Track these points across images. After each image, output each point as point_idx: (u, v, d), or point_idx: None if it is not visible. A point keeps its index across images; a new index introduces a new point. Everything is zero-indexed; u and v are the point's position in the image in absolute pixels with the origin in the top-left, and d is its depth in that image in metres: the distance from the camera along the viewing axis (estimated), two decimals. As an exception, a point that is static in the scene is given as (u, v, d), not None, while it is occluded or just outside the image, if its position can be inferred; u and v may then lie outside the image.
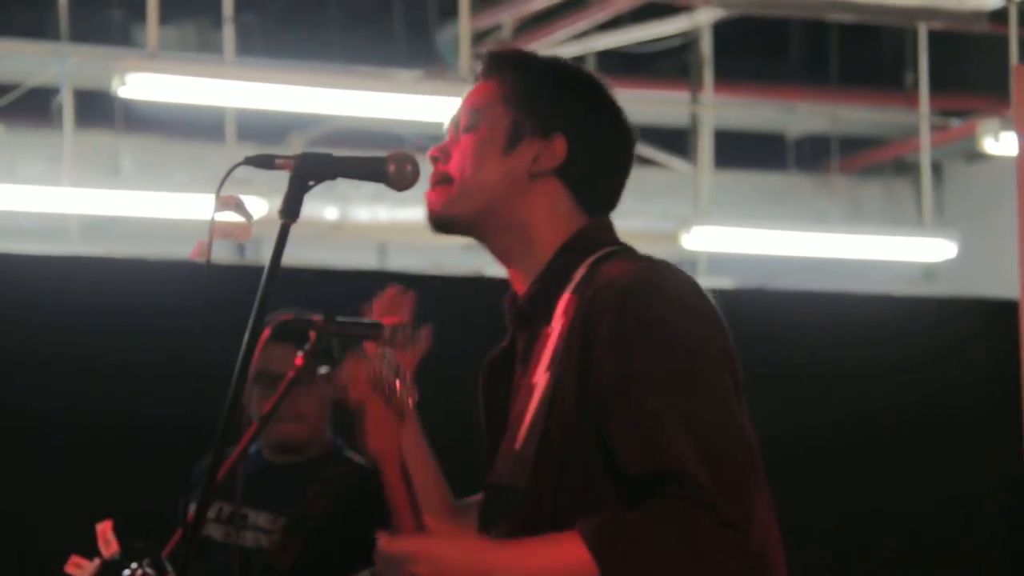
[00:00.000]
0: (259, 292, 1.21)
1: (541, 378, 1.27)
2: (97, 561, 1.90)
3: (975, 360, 4.66)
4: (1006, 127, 6.68)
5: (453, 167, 1.35)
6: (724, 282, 7.40)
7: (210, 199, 1.31)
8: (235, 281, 2.28)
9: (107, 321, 3.81)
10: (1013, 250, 3.33)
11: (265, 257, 1.25)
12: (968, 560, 4.76)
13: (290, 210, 1.24)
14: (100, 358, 3.80)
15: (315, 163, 1.28)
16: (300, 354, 1.43)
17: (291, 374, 1.45)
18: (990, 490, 4.86)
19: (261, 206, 5.15)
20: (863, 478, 4.71)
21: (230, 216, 1.31)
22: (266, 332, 1.27)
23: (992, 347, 4.30)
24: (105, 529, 1.91)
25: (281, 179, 1.26)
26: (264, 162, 1.28)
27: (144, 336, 3.87)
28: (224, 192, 1.30)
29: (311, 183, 1.26)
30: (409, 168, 1.28)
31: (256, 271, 1.46)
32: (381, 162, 1.28)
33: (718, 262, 8.42)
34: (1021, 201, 3.39)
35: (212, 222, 1.29)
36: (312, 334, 1.46)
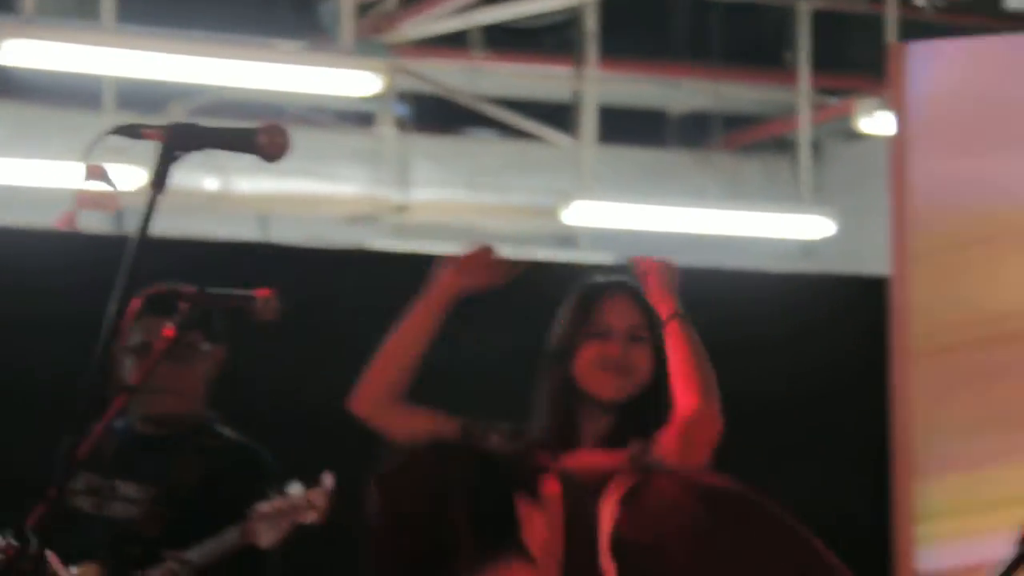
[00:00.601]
0: (127, 262, 1.21)
1: None
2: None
3: (846, 335, 4.81)
4: (883, 106, 6.87)
5: None
6: (604, 257, 7.44)
7: (81, 168, 1.31)
8: (108, 250, 2.24)
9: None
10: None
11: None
12: (835, 532, 4.92)
13: (158, 181, 1.24)
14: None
15: (184, 134, 1.28)
16: (170, 325, 1.44)
17: (161, 345, 1.46)
18: (857, 462, 5.03)
19: (137, 176, 5.03)
20: (735, 452, 4.81)
21: (98, 185, 1.31)
22: (135, 303, 1.27)
23: (862, 322, 4.47)
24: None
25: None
26: (131, 132, 1.27)
27: (12, 303, 3.69)
28: (100, 161, 1.29)
29: (179, 154, 1.25)
30: (280, 140, 1.28)
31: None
32: (252, 133, 1.28)
33: (599, 237, 8.49)
34: (893, 180, 3.51)
35: (77, 191, 1.28)
36: (183, 305, 1.47)
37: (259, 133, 1.28)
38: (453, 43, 8.26)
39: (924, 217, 3.46)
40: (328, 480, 2.42)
